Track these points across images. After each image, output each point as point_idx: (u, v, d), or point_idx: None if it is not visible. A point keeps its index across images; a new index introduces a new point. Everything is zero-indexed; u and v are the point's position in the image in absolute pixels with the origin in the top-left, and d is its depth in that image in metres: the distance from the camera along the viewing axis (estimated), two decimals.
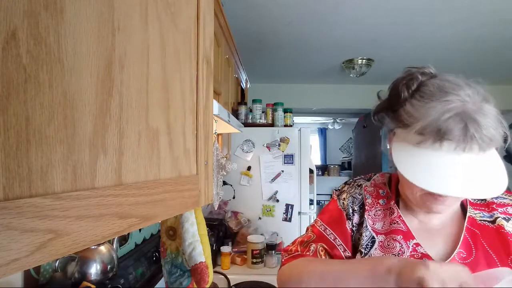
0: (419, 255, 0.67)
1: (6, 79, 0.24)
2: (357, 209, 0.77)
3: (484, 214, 0.69)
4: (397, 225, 0.71)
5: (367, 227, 0.73)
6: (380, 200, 0.77)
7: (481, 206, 0.71)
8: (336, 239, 0.75)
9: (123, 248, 1.28)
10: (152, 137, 0.44)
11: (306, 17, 2.09)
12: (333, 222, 0.77)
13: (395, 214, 0.73)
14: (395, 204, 0.74)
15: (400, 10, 1.98)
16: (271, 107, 2.57)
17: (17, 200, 0.25)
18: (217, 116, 1.15)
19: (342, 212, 0.78)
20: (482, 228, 0.68)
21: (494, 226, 0.67)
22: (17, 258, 0.24)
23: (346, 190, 0.81)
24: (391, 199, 0.76)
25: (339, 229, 0.76)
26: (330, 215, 0.79)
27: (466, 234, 0.67)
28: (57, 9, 0.29)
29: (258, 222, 2.42)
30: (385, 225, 0.73)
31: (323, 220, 0.79)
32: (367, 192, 0.78)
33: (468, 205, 0.71)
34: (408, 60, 2.93)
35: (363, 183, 0.81)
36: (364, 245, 0.72)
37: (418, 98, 0.62)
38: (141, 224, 0.40)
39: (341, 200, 0.80)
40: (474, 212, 0.70)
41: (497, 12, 2.00)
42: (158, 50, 0.45)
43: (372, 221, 0.74)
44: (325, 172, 6.39)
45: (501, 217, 0.67)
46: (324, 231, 0.77)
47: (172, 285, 0.92)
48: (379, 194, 0.78)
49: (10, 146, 0.25)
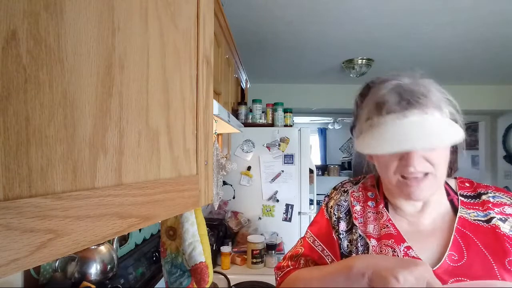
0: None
1: (6, 79, 0.24)
2: (343, 216, 0.77)
3: (478, 213, 0.67)
4: (387, 229, 0.70)
5: (360, 236, 0.73)
6: (369, 202, 0.77)
7: (475, 205, 0.69)
8: (324, 250, 0.77)
9: (123, 248, 1.28)
10: (152, 137, 0.44)
11: (306, 17, 2.09)
12: (321, 233, 0.79)
13: (385, 218, 0.72)
14: (384, 208, 0.74)
15: (400, 10, 1.98)
16: (271, 107, 2.57)
17: (17, 200, 0.25)
18: (217, 116, 1.15)
19: (329, 222, 0.79)
20: (475, 228, 0.66)
21: (488, 226, 0.65)
22: (17, 258, 0.24)
23: (333, 197, 0.82)
24: (380, 202, 0.75)
25: (326, 240, 0.78)
26: (318, 226, 0.81)
27: (456, 235, 0.65)
28: (57, 9, 0.29)
29: (258, 222, 2.42)
30: (376, 229, 0.72)
31: (312, 232, 0.82)
32: (354, 198, 0.78)
33: (459, 205, 0.70)
34: (408, 60, 2.93)
35: (350, 188, 0.81)
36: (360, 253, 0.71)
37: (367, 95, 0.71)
38: (141, 224, 0.40)
39: (329, 208, 0.81)
40: (467, 212, 0.68)
41: (497, 12, 2.00)
42: (158, 50, 0.45)
43: (363, 227, 0.73)
44: (325, 172, 6.39)
45: (497, 218, 0.65)
46: (313, 243, 0.80)
47: (172, 285, 0.92)
48: (368, 197, 0.78)
49: (10, 146, 0.25)
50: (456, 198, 0.71)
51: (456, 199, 0.71)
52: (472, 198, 0.70)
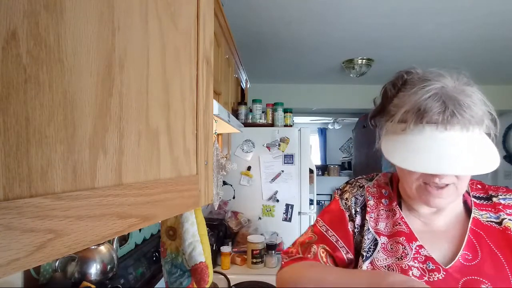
0: (423, 257, 0.66)
1: (6, 79, 0.24)
2: (359, 211, 0.75)
3: (490, 215, 0.68)
4: (399, 227, 0.70)
5: (369, 230, 0.72)
6: (383, 200, 0.75)
7: (487, 206, 0.69)
8: (338, 241, 0.74)
9: (123, 248, 1.28)
10: (152, 137, 0.44)
11: (306, 17, 2.09)
12: (335, 223, 0.76)
13: (398, 216, 0.72)
14: (397, 205, 0.73)
15: (400, 10, 1.98)
16: (271, 107, 2.57)
17: (17, 200, 0.25)
18: (217, 116, 1.15)
19: (345, 213, 0.76)
20: (488, 229, 0.66)
21: (500, 228, 0.66)
22: (17, 258, 0.24)
23: (348, 190, 0.79)
24: (393, 199, 0.74)
25: (341, 231, 0.75)
26: (331, 215, 0.78)
27: (470, 235, 0.66)
28: (57, 9, 0.29)
29: (258, 222, 2.42)
30: (388, 227, 0.71)
31: (324, 221, 0.78)
32: (369, 193, 0.77)
33: (472, 206, 0.70)
34: (408, 60, 2.93)
35: (365, 183, 0.79)
36: (366, 248, 0.70)
37: (403, 90, 0.66)
38: (141, 224, 0.40)
39: (344, 200, 0.78)
40: (480, 213, 0.68)
41: (497, 12, 2.00)
42: (158, 50, 0.45)
43: (374, 223, 0.72)
44: (325, 172, 6.39)
45: (507, 219, 0.66)
46: (325, 232, 0.76)
47: (172, 285, 0.92)
48: (382, 194, 0.76)
49: (10, 146, 0.25)
50: (469, 200, 0.71)
51: (470, 200, 0.71)
52: (484, 200, 0.71)
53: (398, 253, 0.68)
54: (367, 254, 0.70)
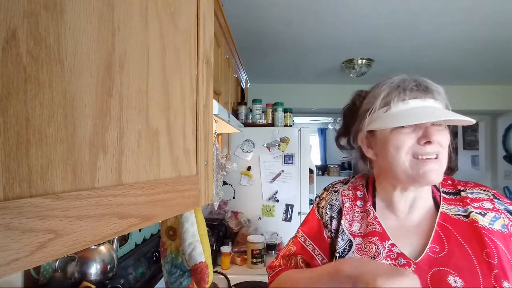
0: (395, 255, 0.68)
1: (6, 79, 0.24)
2: (335, 216, 0.78)
3: (458, 209, 0.70)
4: (373, 227, 0.72)
5: (344, 232, 0.74)
6: (357, 201, 0.78)
7: (456, 201, 0.72)
8: (315, 249, 0.78)
9: (123, 248, 1.28)
10: (152, 137, 0.44)
11: (306, 17, 2.09)
12: (312, 233, 0.80)
13: (371, 216, 0.74)
14: (371, 206, 0.76)
15: (400, 10, 1.98)
16: (271, 107, 2.57)
17: (17, 200, 0.25)
18: (217, 116, 1.15)
19: (320, 221, 0.80)
20: (456, 222, 0.68)
21: (468, 220, 0.68)
22: (17, 258, 0.24)
23: (324, 197, 0.83)
24: (368, 200, 0.77)
25: (317, 239, 0.78)
26: (309, 226, 0.82)
27: (438, 229, 0.68)
28: (57, 9, 0.29)
29: (258, 222, 2.42)
30: (362, 227, 0.74)
31: (303, 231, 0.82)
32: (344, 196, 0.80)
33: (441, 201, 0.73)
34: (408, 60, 2.93)
35: (340, 187, 0.82)
36: (340, 249, 0.73)
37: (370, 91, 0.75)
38: (141, 224, 0.40)
39: (320, 208, 0.82)
40: (448, 207, 0.71)
41: (497, 12, 2.00)
42: (158, 50, 0.45)
43: (349, 225, 0.75)
44: (325, 172, 6.39)
45: (475, 212, 0.68)
46: (304, 242, 0.80)
47: (172, 285, 0.92)
48: (357, 196, 0.79)
49: (10, 146, 0.25)
50: (438, 195, 0.74)
51: (438, 196, 0.74)
52: (453, 195, 0.74)
53: (371, 252, 0.70)
54: (341, 255, 0.73)
